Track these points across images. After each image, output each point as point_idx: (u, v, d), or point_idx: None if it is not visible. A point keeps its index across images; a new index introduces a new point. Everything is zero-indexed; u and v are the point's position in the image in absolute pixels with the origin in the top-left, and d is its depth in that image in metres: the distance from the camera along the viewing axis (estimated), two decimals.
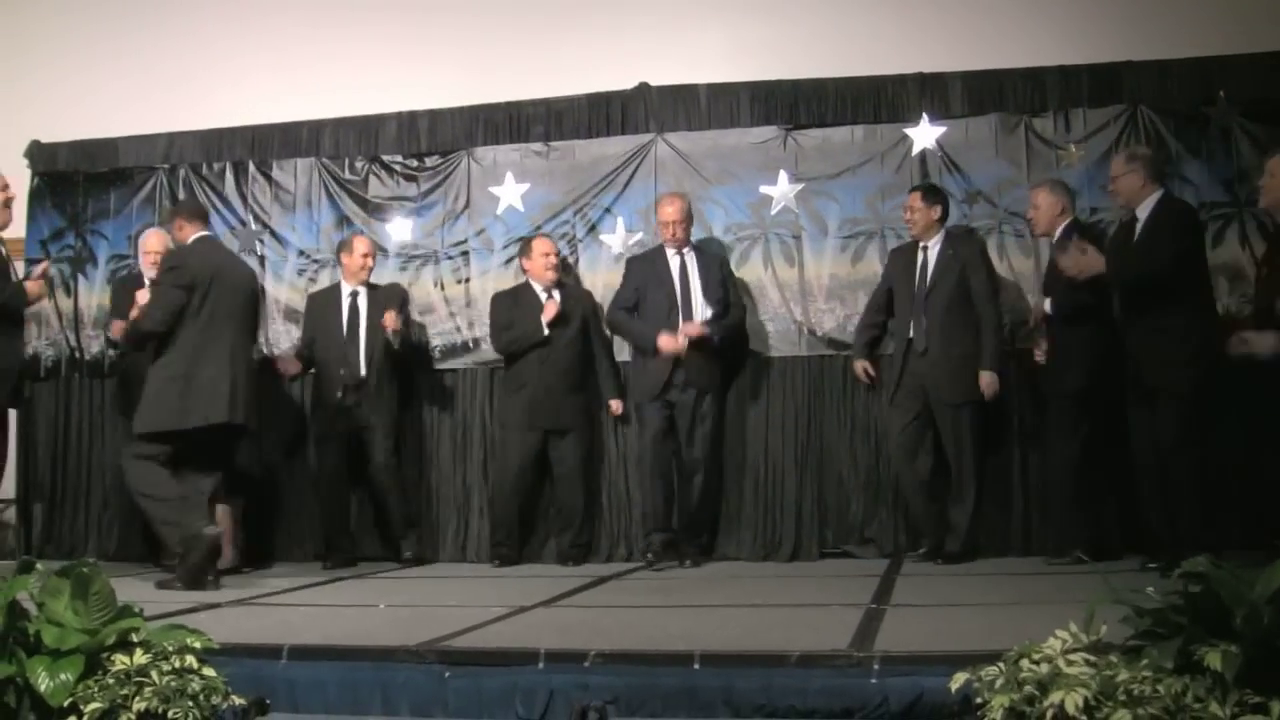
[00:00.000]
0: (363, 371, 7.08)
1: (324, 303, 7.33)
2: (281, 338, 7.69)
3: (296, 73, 7.89)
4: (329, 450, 7.19)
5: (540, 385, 6.96)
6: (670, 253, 6.85)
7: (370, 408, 7.08)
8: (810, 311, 7.06)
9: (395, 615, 4.98)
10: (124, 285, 7.36)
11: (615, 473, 7.24)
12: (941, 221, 6.60)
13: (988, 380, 6.39)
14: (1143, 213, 5.78)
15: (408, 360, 7.34)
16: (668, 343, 6.67)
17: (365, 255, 7.20)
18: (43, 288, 6.33)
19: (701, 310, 6.76)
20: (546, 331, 6.88)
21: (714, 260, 6.94)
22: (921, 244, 6.60)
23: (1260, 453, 5.99)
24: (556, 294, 7.00)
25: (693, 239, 7.02)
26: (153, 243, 7.17)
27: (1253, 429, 6.01)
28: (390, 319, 6.98)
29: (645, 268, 6.91)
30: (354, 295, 7.21)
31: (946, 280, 6.48)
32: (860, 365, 6.76)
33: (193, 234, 6.27)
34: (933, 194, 6.64)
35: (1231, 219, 6.60)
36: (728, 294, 6.86)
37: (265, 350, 7.53)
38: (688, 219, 6.85)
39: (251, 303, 6.46)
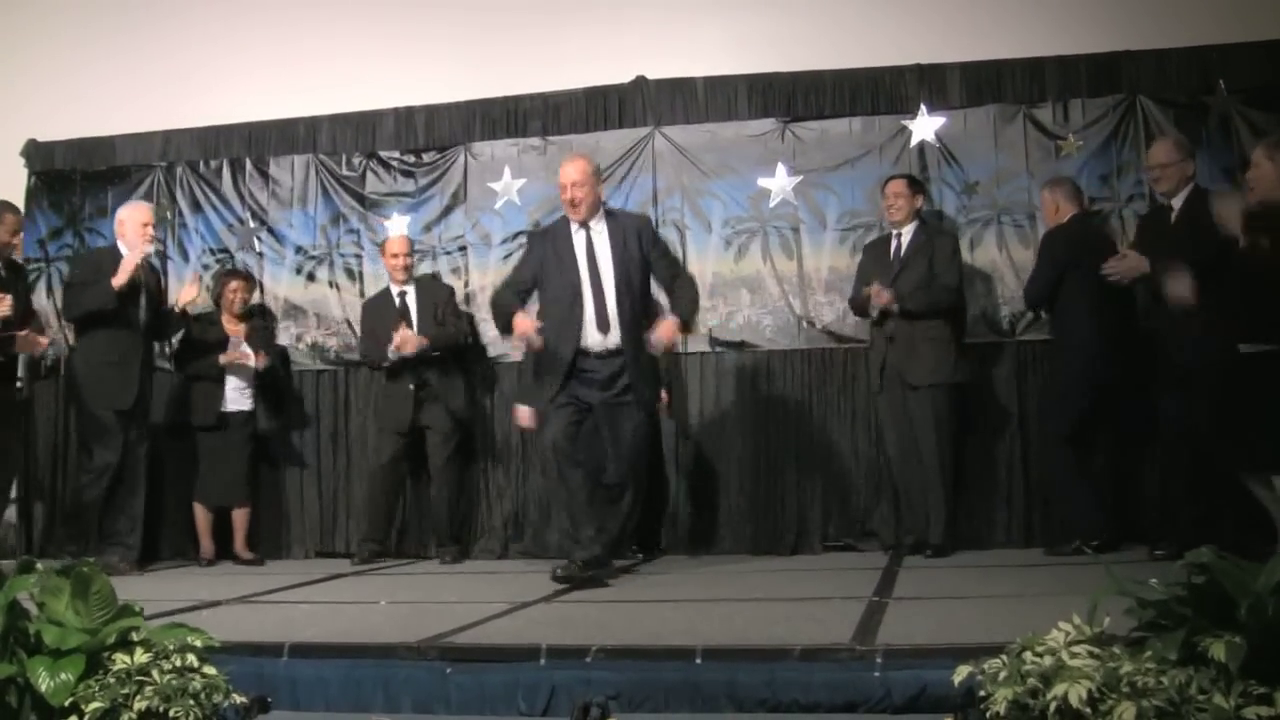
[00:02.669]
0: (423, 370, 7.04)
1: (376, 307, 7.28)
2: (280, 335, 7.68)
3: (293, 69, 7.86)
4: (385, 443, 7.14)
5: None
6: (574, 228, 5.72)
7: (435, 406, 7.04)
8: (809, 304, 7.05)
9: (396, 612, 4.97)
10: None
11: None
12: (919, 212, 6.63)
13: (882, 289, 6.33)
14: (1178, 201, 5.76)
15: (460, 354, 7.29)
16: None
17: (394, 256, 7.15)
18: None
19: (615, 297, 5.59)
20: None
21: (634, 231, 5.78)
22: (896, 232, 6.62)
23: None
24: None
25: (688, 226, 7.15)
26: (145, 214, 6.94)
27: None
28: (408, 343, 6.93)
29: (546, 245, 5.83)
30: (401, 295, 7.17)
31: (917, 264, 6.49)
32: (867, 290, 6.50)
33: None
34: (916, 183, 6.69)
35: None
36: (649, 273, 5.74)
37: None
38: (591, 184, 5.69)
39: None
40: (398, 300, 7.15)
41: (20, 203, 7.98)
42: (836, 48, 7.19)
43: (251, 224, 7.87)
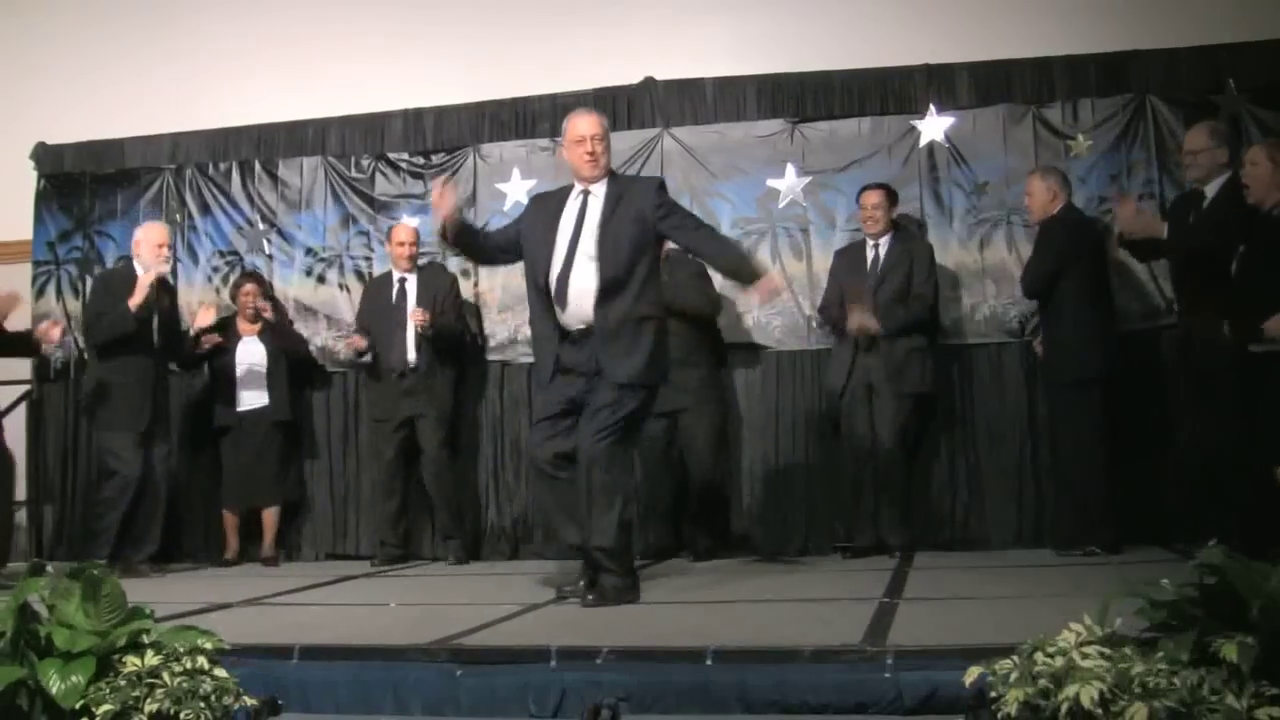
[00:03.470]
0: (410, 357, 7.04)
1: (376, 288, 7.34)
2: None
3: (301, 71, 7.90)
4: (382, 440, 7.16)
5: None
6: (573, 194, 5.16)
7: (423, 396, 7.05)
8: (818, 305, 7.03)
9: (405, 614, 4.97)
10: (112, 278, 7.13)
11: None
12: (895, 222, 6.70)
13: (864, 315, 6.42)
14: (1210, 189, 5.70)
15: (456, 348, 7.30)
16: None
17: (400, 244, 7.20)
18: None
19: (584, 268, 4.95)
20: None
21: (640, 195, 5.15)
22: (872, 242, 6.65)
23: None
24: None
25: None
26: (161, 235, 6.98)
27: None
28: (417, 315, 6.99)
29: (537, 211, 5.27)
30: (401, 281, 7.21)
31: (896, 274, 6.55)
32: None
33: None
34: (892, 194, 6.73)
35: None
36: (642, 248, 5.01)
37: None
38: (608, 140, 5.17)
39: None
40: (397, 286, 7.19)
41: (30, 205, 8.05)
42: (845, 48, 7.20)
43: (261, 226, 7.88)
